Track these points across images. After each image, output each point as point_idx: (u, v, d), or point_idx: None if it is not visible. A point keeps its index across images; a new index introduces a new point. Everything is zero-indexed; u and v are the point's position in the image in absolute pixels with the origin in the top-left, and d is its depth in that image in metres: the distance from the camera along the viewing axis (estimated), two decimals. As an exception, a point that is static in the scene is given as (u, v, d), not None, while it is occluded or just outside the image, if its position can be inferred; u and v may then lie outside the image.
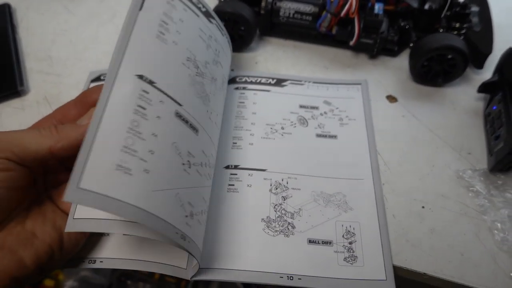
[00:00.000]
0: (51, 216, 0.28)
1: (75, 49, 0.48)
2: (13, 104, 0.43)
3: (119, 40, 0.26)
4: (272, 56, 0.47)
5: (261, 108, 0.41)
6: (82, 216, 0.27)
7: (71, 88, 0.44)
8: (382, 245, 0.33)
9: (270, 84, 0.44)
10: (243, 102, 0.42)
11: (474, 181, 0.36)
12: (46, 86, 0.44)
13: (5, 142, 0.26)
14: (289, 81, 0.44)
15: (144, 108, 0.25)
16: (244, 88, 0.43)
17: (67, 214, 0.28)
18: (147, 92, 0.26)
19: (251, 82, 0.44)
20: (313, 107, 0.42)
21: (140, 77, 0.26)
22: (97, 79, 0.44)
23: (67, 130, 0.27)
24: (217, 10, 0.43)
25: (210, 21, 0.36)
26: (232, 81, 0.44)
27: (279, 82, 0.44)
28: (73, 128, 0.28)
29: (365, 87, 0.44)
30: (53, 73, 0.45)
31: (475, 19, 0.45)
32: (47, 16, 0.52)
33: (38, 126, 0.31)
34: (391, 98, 0.43)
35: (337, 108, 0.42)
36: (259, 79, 0.44)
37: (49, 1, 0.54)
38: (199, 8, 0.35)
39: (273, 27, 0.48)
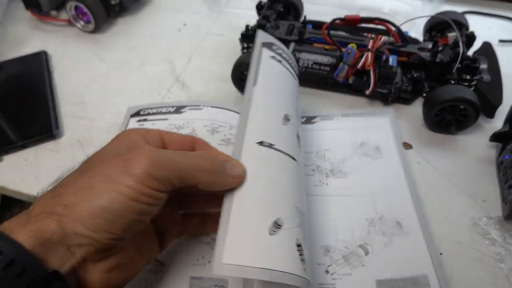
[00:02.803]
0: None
1: (106, 94, 0.51)
2: (48, 147, 0.45)
3: (241, 115, 0.31)
4: (291, 103, 0.50)
5: None
6: (230, 262, 0.25)
7: (103, 132, 0.46)
8: None
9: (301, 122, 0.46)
10: None
11: (490, 229, 0.37)
12: (79, 129, 0.47)
13: (170, 170, 0.24)
14: (318, 117, 0.47)
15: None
16: None
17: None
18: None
19: None
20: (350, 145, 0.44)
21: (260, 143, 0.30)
22: (137, 114, 0.46)
23: (218, 174, 0.26)
24: (241, 61, 0.46)
25: (295, 79, 0.40)
26: None
27: (309, 120, 0.47)
28: (223, 175, 0.27)
29: (393, 116, 0.47)
30: (86, 117, 0.48)
31: (485, 71, 0.47)
32: (80, 63, 0.56)
33: (180, 141, 0.29)
34: (406, 145, 0.45)
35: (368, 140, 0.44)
36: None
37: (83, 49, 0.58)
38: (292, 67, 0.39)
39: (292, 76, 0.51)
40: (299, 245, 0.27)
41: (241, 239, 0.26)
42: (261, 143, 0.30)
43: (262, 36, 0.37)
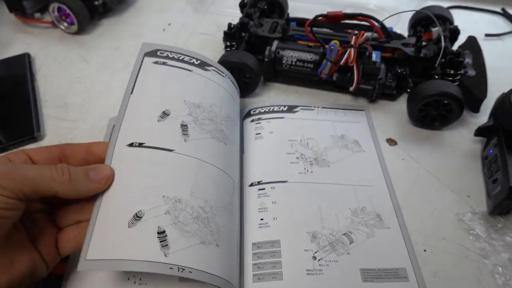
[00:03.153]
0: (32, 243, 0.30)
1: (90, 96, 0.51)
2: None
3: (116, 123, 0.33)
4: (276, 101, 0.49)
5: (278, 137, 0.44)
6: (93, 258, 0.27)
7: (85, 133, 0.46)
8: None
9: (282, 111, 0.47)
10: (259, 133, 0.44)
11: (474, 224, 0.37)
12: (61, 131, 0.46)
13: (18, 181, 0.27)
14: (300, 107, 0.47)
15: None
16: (259, 119, 0.46)
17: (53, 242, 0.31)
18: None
19: (265, 112, 0.47)
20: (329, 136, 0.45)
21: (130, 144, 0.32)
22: None
23: (79, 183, 0.29)
24: (223, 60, 0.46)
25: (206, 69, 0.40)
26: (247, 115, 0.47)
27: (291, 109, 0.47)
28: (85, 182, 0.29)
29: (369, 112, 0.47)
30: (68, 119, 0.48)
31: (469, 65, 0.47)
32: (64, 65, 0.55)
33: (47, 153, 0.32)
34: (391, 141, 0.45)
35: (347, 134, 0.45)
36: (272, 108, 0.47)
37: (67, 51, 0.57)
38: (191, 63, 0.40)
39: (276, 74, 0.50)
40: (161, 232, 0.28)
41: (104, 236, 0.28)
42: (130, 144, 0.32)
43: (144, 47, 0.39)
